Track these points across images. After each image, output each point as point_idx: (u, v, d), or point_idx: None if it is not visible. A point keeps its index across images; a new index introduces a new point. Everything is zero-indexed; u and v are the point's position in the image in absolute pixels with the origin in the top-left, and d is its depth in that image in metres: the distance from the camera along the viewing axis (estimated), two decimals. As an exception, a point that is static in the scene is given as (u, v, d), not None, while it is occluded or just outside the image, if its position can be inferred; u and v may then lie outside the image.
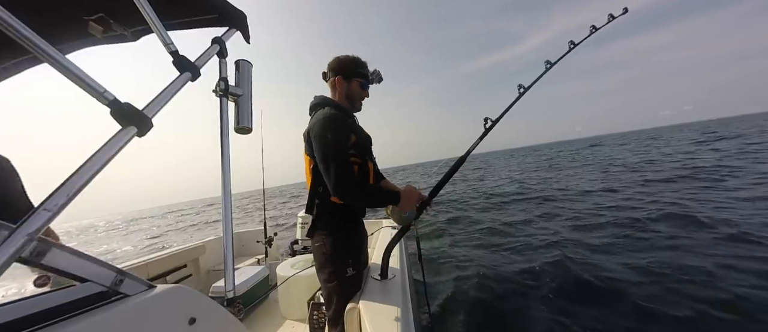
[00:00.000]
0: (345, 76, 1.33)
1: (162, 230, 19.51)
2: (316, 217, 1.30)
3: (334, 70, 1.34)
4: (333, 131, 1.16)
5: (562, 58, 1.71)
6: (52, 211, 0.50)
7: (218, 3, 1.10)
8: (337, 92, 1.37)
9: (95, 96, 0.63)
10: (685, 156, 13.85)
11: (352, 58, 1.35)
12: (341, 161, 1.15)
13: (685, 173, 9.03)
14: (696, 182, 7.79)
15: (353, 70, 1.34)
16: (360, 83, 1.36)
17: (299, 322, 2.12)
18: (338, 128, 1.19)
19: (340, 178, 1.12)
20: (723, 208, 5.21)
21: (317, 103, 1.36)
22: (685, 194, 6.54)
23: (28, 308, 0.54)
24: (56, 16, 0.95)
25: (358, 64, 1.35)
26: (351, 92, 1.36)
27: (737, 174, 7.93)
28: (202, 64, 0.93)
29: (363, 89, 1.38)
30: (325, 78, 1.41)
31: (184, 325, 0.74)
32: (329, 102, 1.33)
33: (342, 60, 1.35)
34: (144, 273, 2.19)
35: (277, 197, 33.47)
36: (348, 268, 1.25)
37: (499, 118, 1.52)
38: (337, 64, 1.34)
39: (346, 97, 1.36)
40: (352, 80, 1.34)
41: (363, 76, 1.37)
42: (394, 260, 1.53)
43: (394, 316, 1.05)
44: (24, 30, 0.54)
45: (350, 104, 1.38)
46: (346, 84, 1.34)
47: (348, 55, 1.36)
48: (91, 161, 0.57)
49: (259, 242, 3.27)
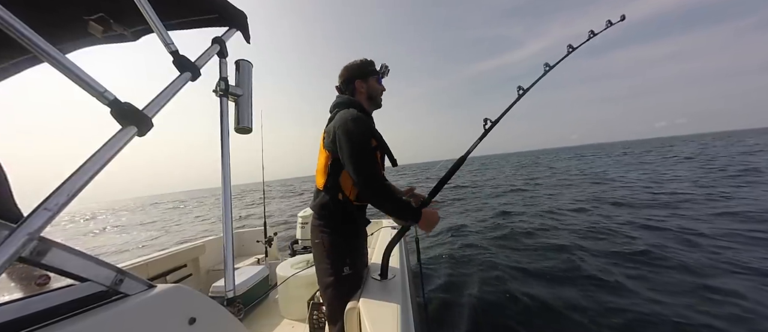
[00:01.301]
0: (362, 77, 1.38)
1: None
2: (319, 212, 1.31)
3: (350, 77, 1.38)
4: (361, 131, 1.19)
5: (561, 62, 1.73)
6: (52, 211, 0.50)
7: (218, 3, 1.10)
8: (359, 94, 1.39)
9: (95, 96, 0.63)
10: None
11: (360, 61, 1.40)
12: (372, 159, 1.19)
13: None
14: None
15: (366, 71, 1.39)
16: (376, 79, 1.41)
17: (299, 322, 2.12)
18: (364, 130, 1.22)
19: (371, 174, 1.14)
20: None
21: (342, 102, 1.38)
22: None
23: (28, 308, 0.54)
24: (56, 16, 0.96)
25: (367, 63, 1.41)
26: (372, 90, 1.40)
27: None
28: (202, 64, 0.93)
29: (380, 84, 1.44)
30: (340, 91, 1.43)
31: (184, 325, 0.74)
32: (354, 103, 1.36)
33: (352, 66, 1.40)
34: (144, 272, 2.19)
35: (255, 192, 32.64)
36: (345, 267, 1.25)
37: (499, 119, 1.52)
38: (350, 71, 1.39)
39: (368, 97, 1.40)
40: (369, 79, 1.39)
41: (376, 73, 1.42)
42: (394, 260, 1.53)
43: (393, 316, 1.05)
44: (24, 29, 0.54)
45: (373, 103, 1.43)
46: (366, 84, 1.38)
47: (354, 60, 1.41)
48: (92, 161, 0.57)
49: (259, 242, 3.27)
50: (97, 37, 1.03)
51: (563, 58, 1.74)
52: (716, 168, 12.82)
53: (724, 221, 5.24)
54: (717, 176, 10.66)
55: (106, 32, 1.00)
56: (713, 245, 4.10)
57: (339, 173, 1.25)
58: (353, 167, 1.15)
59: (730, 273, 3.30)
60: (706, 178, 10.39)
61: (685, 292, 2.98)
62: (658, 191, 8.70)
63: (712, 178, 10.26)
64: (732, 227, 4.78)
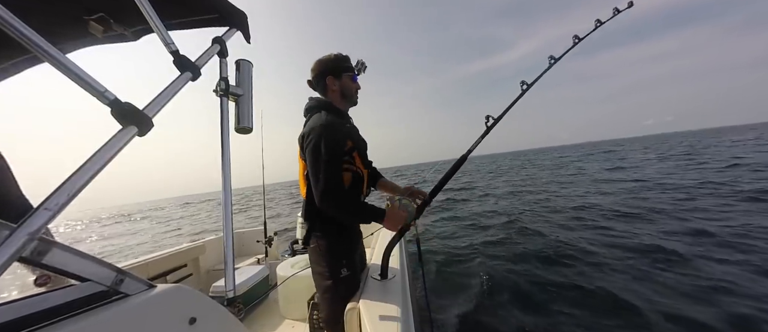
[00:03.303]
0: (335, 74, 1.31)
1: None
2: (309, 221, 1.29)
3: (322, 72, 1.32)
4: (327, 140, 1.14)
5: (567, 53, 1.69)
6: (52, 210, 0.50)
7: (219, 3, 1.10)
8: (331, 92, 1.34)
9: (96, 96, 0.63)
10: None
11: (334, 56, 1.33)
12: (332, 172, 1.13)
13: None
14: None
15: (340, 66, 1.32)
16: (350, 76, 1.35)
17: (299, 322, 2.12)
18: (333, 136, 1.17)
19: (328, 189, 1.10)
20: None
21: (312, 105, 1.33)
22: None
23: (28, 308, 0.54)
24: (57, 16, 0.95)
25: (341, 59, 1.34)
26: (345, 88, 1.34)
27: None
28: (202, 64, 0.93)
29: (354, 82, 1.37)
30: (312, 86, 1.38)
31: (184, 325, 0.74)
32: (325, 105, 1.30)
33: (325, 60, 1.32)
34: (144, 272, 2.18)
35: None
36: (342, 269, 1.24)
37: (502, 116, 1.51)
38: (322, 65, 1.32)
39: (341, 95, 1.34)
40: (343, 76, 1.33)
41: (350, 70, 1.35)
42: (394, 260, 1.53)
43: (394, 316, 1.05)
44: (25, 29, 0.54)
45: (347, 101, 1.37)
46: (339, 82, 1.32)
47: (328, 54, 1.34)
48: (92, 161, 0.57)
49: (259, 242, 3.27)
50: (97, 37, 1.03)
51: (569, 50, 1.70)
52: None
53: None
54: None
55: (106, 32, 1.00)
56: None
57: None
58: (314, 183, 1.13)
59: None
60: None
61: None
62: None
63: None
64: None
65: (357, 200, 1.32)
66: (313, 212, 1.26)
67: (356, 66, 1.40)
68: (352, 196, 1.29)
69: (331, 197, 1.11)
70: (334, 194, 1.12)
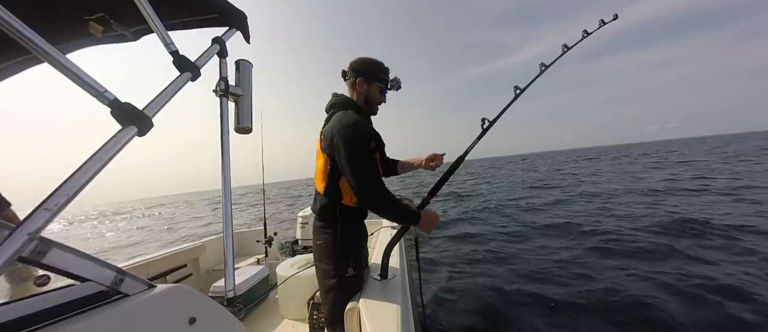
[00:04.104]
0: (367, 78, 1.31)
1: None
2: (320, 215, 1.30)
3: (356, 70, 1.31)
4: (361, 137, 1.16)
5: (556, 61, 1.75)
6: (52, 210, 0.50)
7: (218, 3, 1.10)
8: (356, 93, 1.34)
9: (95, 96, 0.63)
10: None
11: (376, 62, 1.33)
12: (370, 165, 1.16)
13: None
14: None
15: (375, 74, 1.32)
16: (380, 87, 1.34)
17: (299, 322, 2.12)
18: (365, 133, 1.19)
19: (369, 183, 1.13)
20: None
21: (337, 102, 1.33)
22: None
23: (28, 308, 0.54)
24: (57, 16, 0.95)
25: (381, 69, 1.33)
26: (371, 96, 1.34)
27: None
28: (202, 64, 0.93)
29: (382, 94, 1.36)
30: (344, 77, 1.36)
31: (184, 325, 0.74)
32: (351, 104, 1.31)
33: (365, 61, 1.32)
34: (144, 272, 2.18)
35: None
36: (349, 268, 1.25)
37: (496, 119, 1.53)
38: (361, 65, 1.32)
39: (364, 99, 1.34)
40: (373, 84, 1.32)
41: (383, 82, 1.35)
42: (394, 260, 1.53)
43: (393, 316, 1.05)
44: (24, 29, 0.54)
45: (368, 107, 1.37)
46: (367, 87, 1.32)
47: (372, 58, 1.34)
48: (92, 161, 0.57)
49: (259, 242, 3.27)
50: (97, 37, 1.02)
51: (558, 58, 1.75)
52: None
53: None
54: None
55: (106, 32, 1.00)
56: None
57: (339, 177, 1.22)
58: (351, 175, 1.13)
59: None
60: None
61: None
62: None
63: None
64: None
65: (394, 198, 1.31)
66: (326, 205, 1.27)
67: (391, 82, 1.39)
68: (389, 192, 1.27)
69: (374, 190, 1.14)
70: (377, 187, 1.15)
